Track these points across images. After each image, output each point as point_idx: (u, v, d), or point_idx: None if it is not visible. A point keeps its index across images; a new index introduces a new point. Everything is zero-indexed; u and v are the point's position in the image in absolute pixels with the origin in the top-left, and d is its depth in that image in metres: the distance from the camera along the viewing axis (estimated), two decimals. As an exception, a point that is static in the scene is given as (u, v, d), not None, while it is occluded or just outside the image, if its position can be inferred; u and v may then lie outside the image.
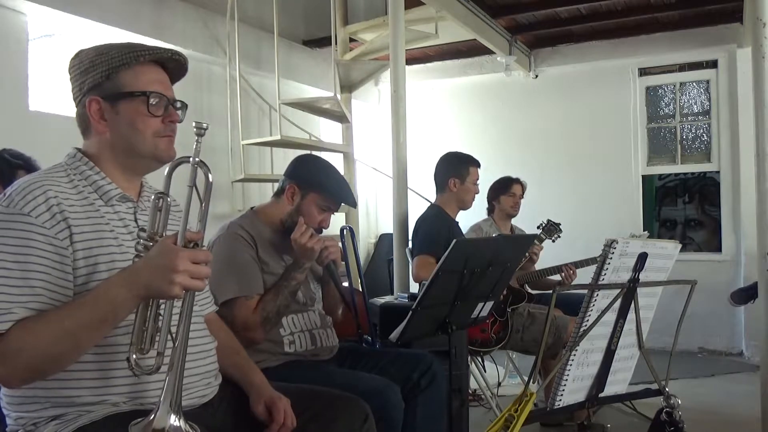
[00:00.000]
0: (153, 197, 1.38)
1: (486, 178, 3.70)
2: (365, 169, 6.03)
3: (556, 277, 3.74)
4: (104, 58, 1.46)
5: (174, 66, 1.55)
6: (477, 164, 3.61)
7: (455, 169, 3.56)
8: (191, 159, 1.33)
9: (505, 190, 3.96)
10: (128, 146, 1.48)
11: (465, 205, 3.60)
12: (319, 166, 2.35)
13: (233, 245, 2.16)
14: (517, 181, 4.01)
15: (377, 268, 5.99)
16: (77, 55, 1.50)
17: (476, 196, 3.63)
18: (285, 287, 2.13)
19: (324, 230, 2.30)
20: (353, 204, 2.38)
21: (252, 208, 2.43)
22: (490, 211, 4.02)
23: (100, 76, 1.45)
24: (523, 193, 4.03)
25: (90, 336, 1.28)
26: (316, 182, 2.26)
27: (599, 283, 1.69)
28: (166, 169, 1.40)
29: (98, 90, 1.46)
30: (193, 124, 1.31)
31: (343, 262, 2.82)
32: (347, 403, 1.70)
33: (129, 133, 1.47)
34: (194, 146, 1.32)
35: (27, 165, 2.69)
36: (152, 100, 1.46)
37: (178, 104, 1.53)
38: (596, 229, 4.80)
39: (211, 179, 1.33)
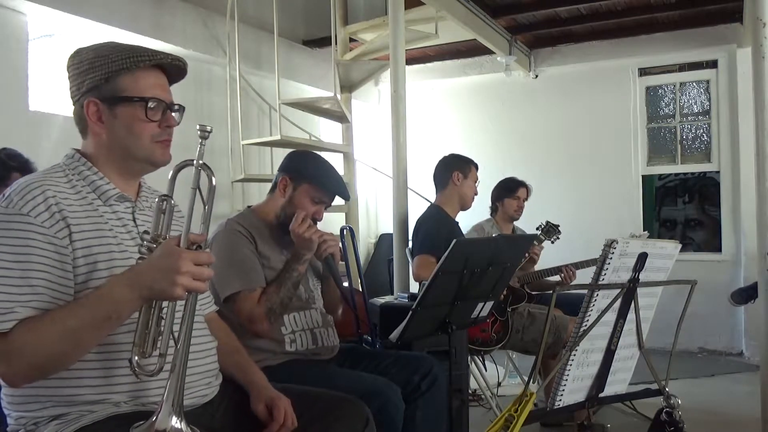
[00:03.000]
0: (157, 200, 1.38)
1: (486, 179, 3.70)
2: (365, 169, 6.03)
3: (556, 278, 3.74)
4: (104, 61, 1.45)
5: (174, 69, 1.54)
6: (477, 166, 3.62)
7: (458, 164, 3.57)
8: (195, 162, 1.33)
9: (510, 193, 3.94)
10: (124, 149, 1.48)
11: (465, 203, 3.59)
12: (310, 158, 2.36)
13: (232, 241, 2.17)
14: (523, 184, 3.98)
15: (377, 268, 5.99)
16: (77, 53, 1.49)
17: (475, 197, 3.63)
18: (287, 279, 2.14)
19: (319, 224, 2.29)
20: (346, 197, 2.37)
21: (249, 206, 2.44)
22: (493, 211, 4.01)
23: (99, 79, 1.45)
24: (528, 197, 4.00)
25: (92, 335, 1.29)
26: (308, 173, 2.26)
27: (599, 283, 1.69)
28: (170, 172, 1.39)
29: (96, 92, 1.45)
30: (197, 127, 1.31)
31: (343, 262, 2.82)
32: (348, 406, 1.70)
33: (126, 137, 1.47)
34: (198, 149, 1.32)
35: (22, 167, 2.65)
36: (150, 104, 1.46)
37: (176, 107, 1.52)
38: (596, 229, 4.80)
39: (214, 182, 1.33)
